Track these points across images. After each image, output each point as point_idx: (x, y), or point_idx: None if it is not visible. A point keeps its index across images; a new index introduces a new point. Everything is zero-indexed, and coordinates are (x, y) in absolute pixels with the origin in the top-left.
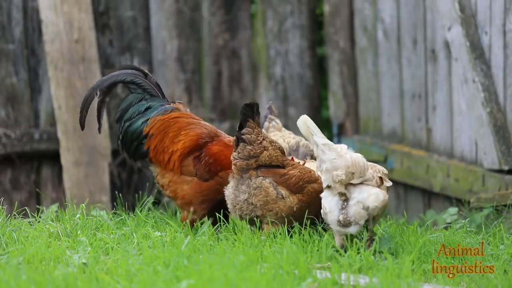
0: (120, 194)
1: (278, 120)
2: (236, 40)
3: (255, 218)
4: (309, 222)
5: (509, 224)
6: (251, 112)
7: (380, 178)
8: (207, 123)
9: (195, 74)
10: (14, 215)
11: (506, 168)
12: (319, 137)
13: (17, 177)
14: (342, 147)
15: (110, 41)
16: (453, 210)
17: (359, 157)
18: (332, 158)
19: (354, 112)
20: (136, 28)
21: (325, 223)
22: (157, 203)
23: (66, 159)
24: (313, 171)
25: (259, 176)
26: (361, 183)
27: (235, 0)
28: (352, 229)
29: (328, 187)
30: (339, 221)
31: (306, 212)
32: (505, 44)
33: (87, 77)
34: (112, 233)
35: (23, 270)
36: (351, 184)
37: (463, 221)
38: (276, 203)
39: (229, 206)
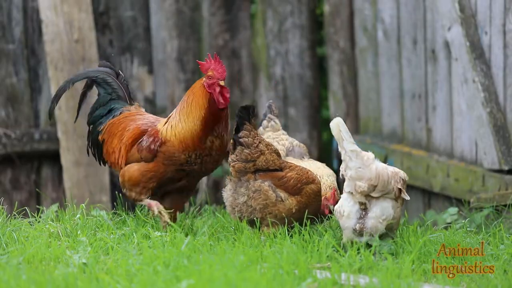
0: (120, 194)
1: (277, 120)
2: (236, 40)
3: (254, 219)
4: (308, 222)
5: (509, 224)
6: (247, 114)
7: (399, 189)
8: (151, 115)
9: (195, 74)
10: (14, 215)
11: (506, 168)
12: (348, 143)
13: (17, 177)
14: (369, 156)
15: (110, 41)
16: (453, 210)
17: (384, 170)
18: (358, 167)
19: (354, 112)
20: (136, 28)
21: (324, 224)
22: None
23: (66, 159)
24: (310, 171)
25: (258, 179)
26: (382, 196)
27: (235, 0)
28: (364, 239)
29: (350, 192)
30: (354, 229)
31: (306, 213)
32: (505, 44)
33: None
34: (112, 233)
35: (23, 270)
36: (372, 196)
37: (463, 221)
38: (275, 206)
39: (228, 208)
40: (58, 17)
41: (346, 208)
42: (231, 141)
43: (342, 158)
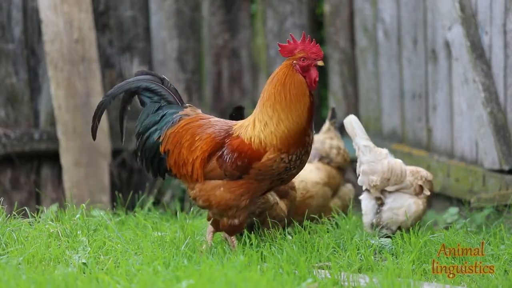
0: (120, 194)
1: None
2: (236, 40)
3: (254, 221)
4: (309, 222)
5: (509, 224)
6: (240, 115)
7: (420, 186)
8: (216, 118)
9: (195, 74)
10: (14, 215)
11: (506, 168)
12: (361, 139)
13: (17, 177)
14: (382, 152)
15: (110, 41)
16: (453, 210)
17: (397, 164)
18: (370, 161)
19: (354, 112)
20: (136, 28)
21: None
22: (157, 203)
23: (66, 159)
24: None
25: None
26: (397, 191)
27: (235, 0)
28: (384, 230)
29: (367, 190)
30: (372, 224)
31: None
32: (506, 44)
33: (87, 77)
34: (112, 233)
35: (23, 270)
36: (387, 190)
37: (464, 221)
38: (272, 208)
39: None
40: (58, 17)
41: (364, 207)
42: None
43: (356, 154)
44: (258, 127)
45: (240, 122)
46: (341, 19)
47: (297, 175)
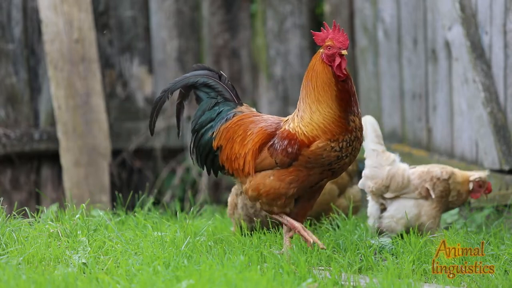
0: (120, 194)
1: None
2: (236, 40)
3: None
4: (310, 221)
5: (509, 224)
6: None
7: (426, 189)
8: (269, 116)
9: None
10: (14, 215)
11: (506, 168)
12: (370, 142)
13: (17, 177)
14: (389, 158)
15: (110, 41)
16: (453, 210)
17: (399, 171)
18: (373, 166)
19: None
20: (136, 28)
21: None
22: (157, 203)
23: (66, 159)
24: None
25: None
26: (398, 196)
27: (235, 0)
28: (384, 237)
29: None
30: (375, 227)
31: None
32: (506, 44)
33: (87, 77)
34: (112, 233)
35: (23, 270)
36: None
37: (464, 221)
38: None
39: (241, 212)
40: (58, 17)
41: (368, 209)
42: None
43: (364, 155)
44: (296, 120)
45: (288, 116)
46: (341, 19)
47: None
